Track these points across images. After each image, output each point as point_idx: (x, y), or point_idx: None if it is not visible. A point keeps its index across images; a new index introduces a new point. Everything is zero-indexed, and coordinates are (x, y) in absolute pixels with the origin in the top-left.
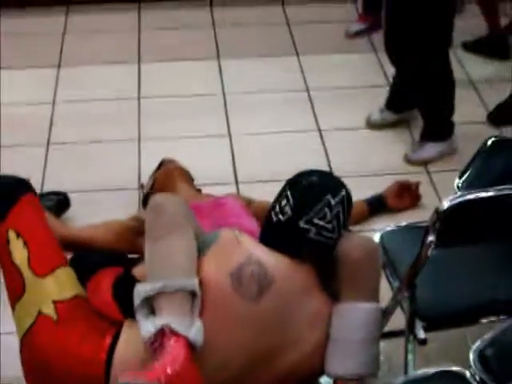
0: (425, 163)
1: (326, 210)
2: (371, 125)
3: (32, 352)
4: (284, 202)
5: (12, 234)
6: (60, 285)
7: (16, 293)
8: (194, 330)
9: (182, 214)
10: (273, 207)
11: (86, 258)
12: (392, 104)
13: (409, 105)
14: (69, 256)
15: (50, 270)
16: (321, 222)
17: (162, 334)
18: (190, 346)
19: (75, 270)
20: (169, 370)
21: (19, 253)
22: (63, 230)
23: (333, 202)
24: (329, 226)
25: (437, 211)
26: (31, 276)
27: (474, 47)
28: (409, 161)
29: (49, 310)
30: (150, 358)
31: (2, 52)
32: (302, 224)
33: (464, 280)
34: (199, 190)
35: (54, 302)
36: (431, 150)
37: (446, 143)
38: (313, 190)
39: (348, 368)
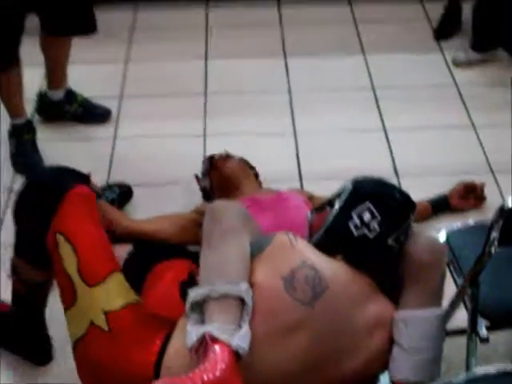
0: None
1: (409, 227)
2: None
3: (84, 357)
4: (368, 217)
5: (60, 238)
6: (111, 294)
7: (68, 300)
8: (239, 337)
9: (240, 222)
10: (348, 217)
11: (149, 249)
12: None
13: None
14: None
15: (100, 278)
16: (403, 239)
17: (204, 341)
18: (234, 353)
19: (136, 261)
20: (205, 378)
21: (69, 259)
22: (128, 222)
23: (413, 218)
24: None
25: (501, 208)
26: (81, 285)
27: None
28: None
29: (100, 321)
30: (195, 365)
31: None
32: (390, 241)
33: None
34: (260, 184)
35: (105, 313)
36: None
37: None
38: (401, 208)
39: (415, 374)
